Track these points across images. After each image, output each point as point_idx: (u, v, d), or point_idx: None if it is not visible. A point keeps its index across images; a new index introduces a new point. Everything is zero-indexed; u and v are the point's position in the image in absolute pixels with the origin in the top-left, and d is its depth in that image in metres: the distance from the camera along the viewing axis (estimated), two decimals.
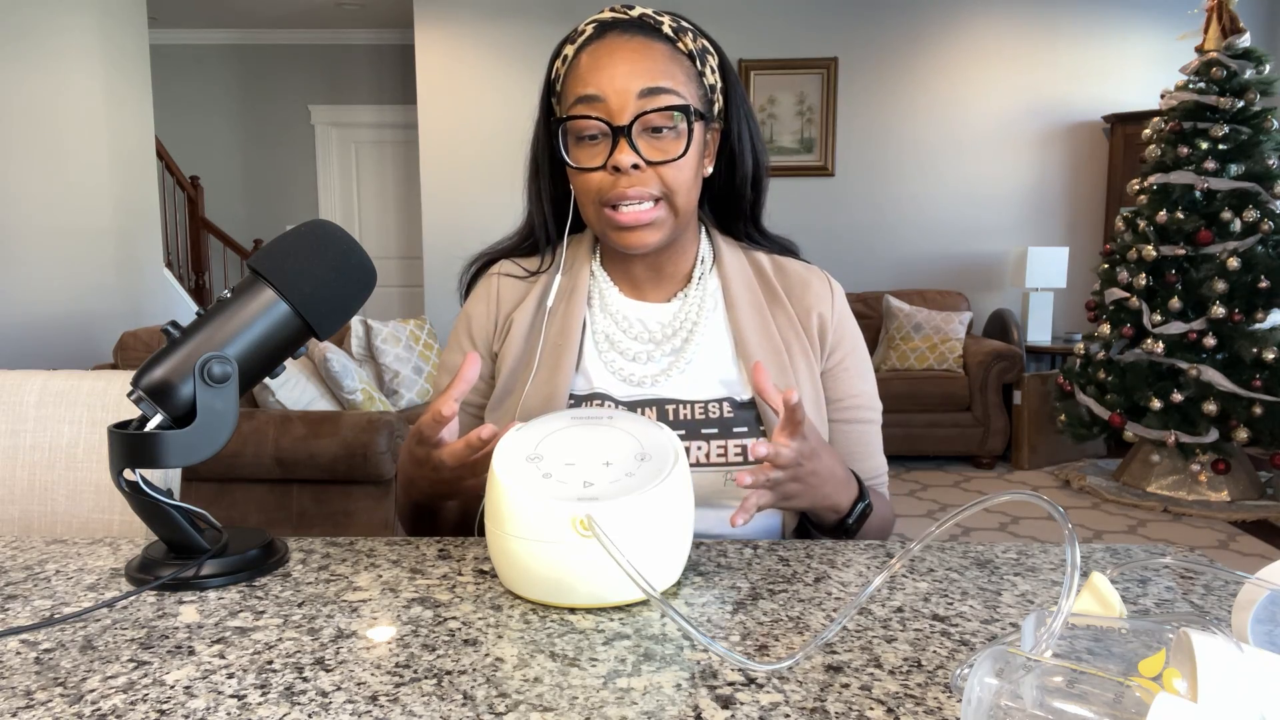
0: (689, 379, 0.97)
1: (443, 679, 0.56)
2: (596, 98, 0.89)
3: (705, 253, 1.03)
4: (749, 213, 1.04)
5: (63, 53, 4.14)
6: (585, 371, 0.98)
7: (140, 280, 4.79)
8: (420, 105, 5.50)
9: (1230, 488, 3.89)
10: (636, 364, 0.98)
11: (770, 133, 5.46)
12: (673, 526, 0.68)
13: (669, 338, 0.99)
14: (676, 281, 1.02)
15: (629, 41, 0.91)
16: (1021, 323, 5.19)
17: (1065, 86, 5.38)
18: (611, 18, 0.93)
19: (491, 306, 1.03)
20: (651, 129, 0.89)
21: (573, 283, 1.01)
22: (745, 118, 1.00)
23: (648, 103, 0.89)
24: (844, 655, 0.59)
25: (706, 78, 0.95)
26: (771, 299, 1.01)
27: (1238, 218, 3.74)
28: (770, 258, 1.05)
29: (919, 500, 4.08)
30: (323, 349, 3.25)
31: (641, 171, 0.89)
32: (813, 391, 0.98)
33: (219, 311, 0.75)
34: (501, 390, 0.99)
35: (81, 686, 0.56)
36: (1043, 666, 0.41)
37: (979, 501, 0.54)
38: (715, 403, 0.95)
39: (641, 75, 0.89)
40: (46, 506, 1.07)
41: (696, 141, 0.92)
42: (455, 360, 1.03)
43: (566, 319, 0.99)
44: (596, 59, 0.91)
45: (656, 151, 0.89)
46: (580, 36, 0.93)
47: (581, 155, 0.91)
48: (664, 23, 0.93)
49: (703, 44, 0.96)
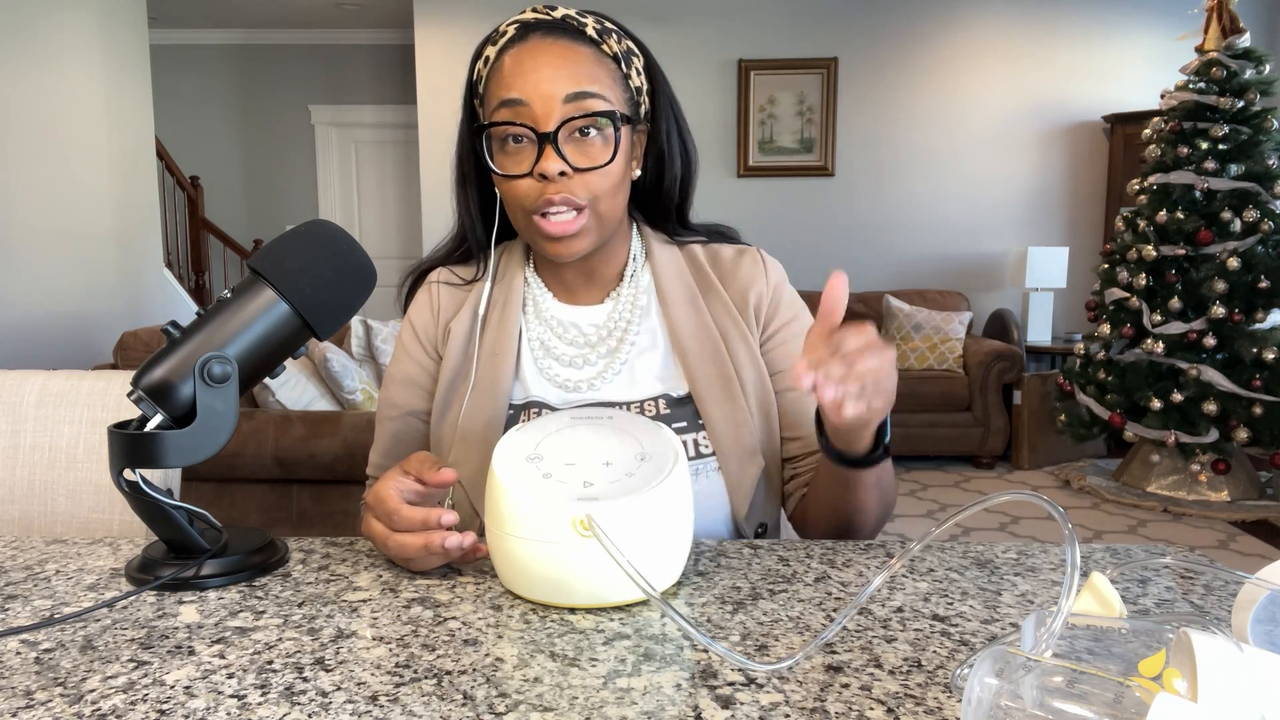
0: (625, 379, 0.96)
1: (443, 679, 0.56)
2: (520, 102, 0.87)
3: (636, 250, 1.02)
4: (675, 213, 1.03)
5: (62, 52, 4.14)
6: (523, 380, 0.97)
7: (140, 280, 4.79)
8: (420, 105, 5.50)
9: (1230, 488, 3.89)
10: (573, 369, 0.97)
11: (770, 133, 5.46)
12: (673, 526, 0.68)
13: (604, 339, 0.98)
14: (609, 282, 1.01)
15: (553, 44, 0.89)
16: (1021, 323, 5.19)
17: (1065, 86, 5.38)
18: (534, 19, 0.91)
19: (434, 313, 1.02)
20: (578, 131, 0.88)
21: (507, 291, 1.00)
22: (673, 118, 0.98)
23: (574, 108, 0.87)
24: (844, 655, 0.59)
25: (632, 80, 0.94)
26: (706, 289, 1.00)
27: (1238, 218, 3.74)
28: (704, 247, 1.04)
29: (919, 500, 4.08)
30: (323, 349, 3.25)
31: (568, 178, 0.87)
32: (755, 376, 0.97)
33: (219, 311, 0.75)
34: (441, 403, 0.98)
35: (81, 686, 0.56)
36: (1043, 666, 0.41)
37: (979, 501, 0.54)
38: (651, 400, 0.95)
39: (566, 80, 0.87)
40: (46, 506, 1.07)
41: (624, 146, 0.90)
42: (406, 370, 1.01)
43: (501, 328, 0.98)
44: (520, 62, 0.89)
45: (583, 158, 0.88)
46: (502, 38, 0.91)
47: (507, 162, 0.89)
48: (588, 24, 0.91)
49: (628, 45, 0.94)
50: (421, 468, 0.76)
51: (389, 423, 1.02)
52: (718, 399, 0.94)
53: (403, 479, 0.75)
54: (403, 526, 0.72)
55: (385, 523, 0.74)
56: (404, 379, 1.02)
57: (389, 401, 1.02)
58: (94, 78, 4.37)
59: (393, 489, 0.75)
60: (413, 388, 1.02)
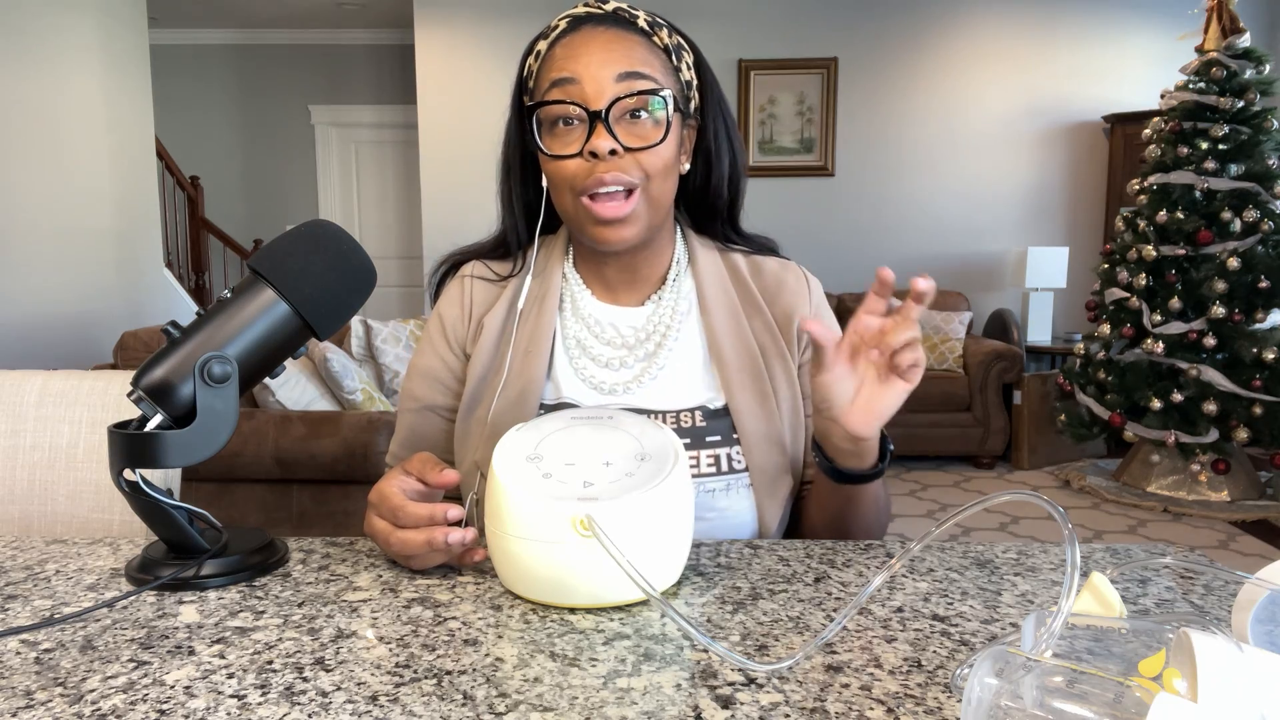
0: (661, 385, 0.94)
1: (443, 679, 0.56)
2: (572, 80, 0.86)
3: (680, 254, 1.00)
4: (725, 214, 1.02)
5: (63, 53, 4.14)
6: (555, 379, 0.95)
7: (140, 280, 4.80)
8: (420, 105, 5.49)
9: (1230, 488, 3.89)
10: (609, 370, 0.95)
11: (770, 133, 5.47)
12: (673, 526, 0.68)
13: (642, 342, 0.96)
14: (651, 284, 0.99)
15: (605, 32, 0.89)
16: (1021, 323, 5.19)
17: (1065, 86, 5.38)
18: (585, 12, 0.91)
19: (465, 308, 1.00)
20: (629, 114, 0.86)
21: (544, 287, 0.98)
22: (722, 117, 0.97)
23: (625, 87, 0.86)
24: (844, 655, 0.59)
25: (683, 73, 0.93)
26: (747, 303, 0.99)
27: (1238, 218, 3.74)
28: (747, 258, 1.03)
29: (919, 500, 4.08)
30: (323, 349, 3.25)
31: (619, 157, 0.85)
32: (790, 397, 0.95)
33: (219, 311, 0.75)
34: (470, 399, 0.96)
35: (81, 686, 0.56)
36: (1043, 666, 0.41)
37: (979, 501, 0.54)
38: (687, 412, 0.93)
39: (618, 60, 0.86)
40: (46, 506, 1.07)
41: (675, 129, 0.89)
42: (429, 364, 1.00)
43: (537, 324, 0.96)
44: (571, 48, 0.88)
45: (635, 138, 0.86)
46: (554, 32, 0.91)
47: (555, 144, 0.88)
48: (639, 16, 0.91)
49: (678, 40, 0.94)
50: (424, 468, 0.75)
51: (408, 414, 1.01)
52: (755, 414, 0.93)
53: (404, 478, 0.75)
54: (409, 523, 0.72)
55: (390, 519, 0.74)
56: (425, 372, 1.00)
57: (409, 393, 1.01)
58: (94, 78, 4.37)
59: (396, 487, 0.74)
60: (433, 383, 1.00)
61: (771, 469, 0.92)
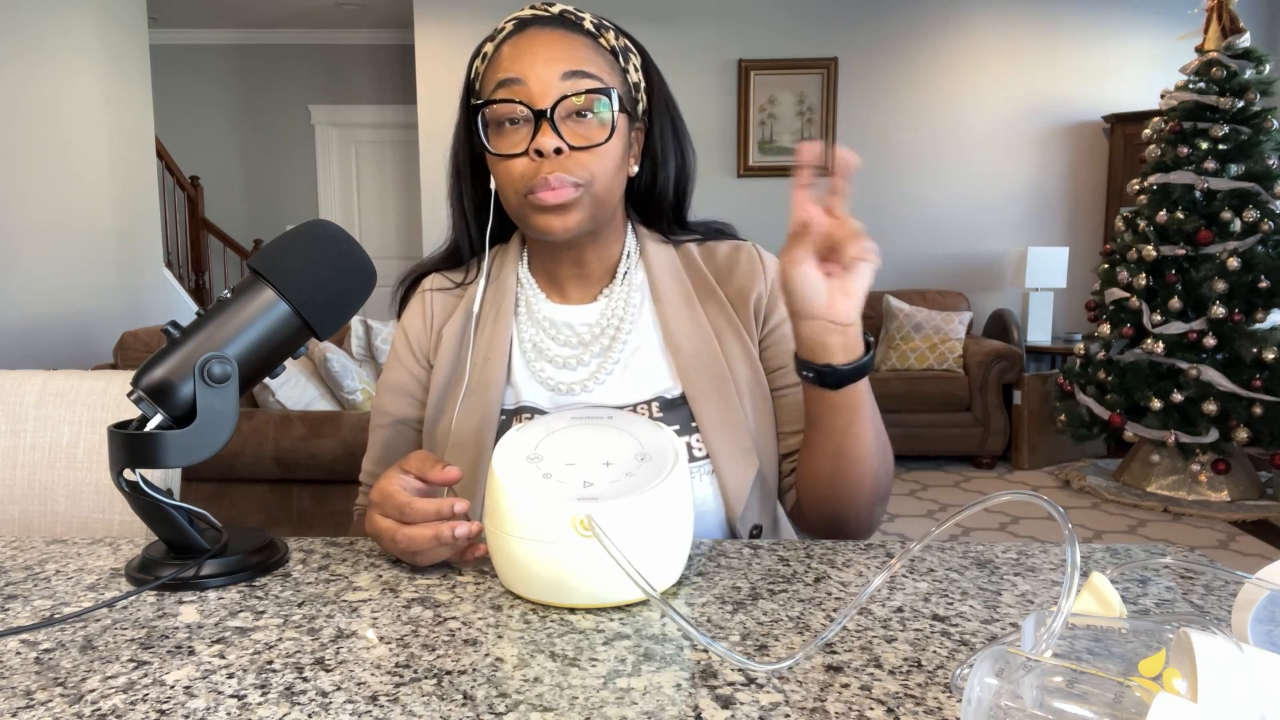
0: (617, 380, 0.95)
1: (443, 679, 0.56)
2: (517, 80, 0.86)
3: (631, 248, 1.00)
4: (671, 215, 1.02)
5: (63, 53, 4.14)
6: (514, 384, 0.96)
7: (140, 280, 4.80)
8: (420, 105, 5.50)
9: (1230, 488, 3.89)
10: (566, 370, 0.96)
11: (770, 133, 5.47)
12: (673, 526, 0.68)
13: (596, 338, 0.96)
14: (601, 279, 0.99)
15: (550, 33, 0.89)
16: (1021, 323, 5.19)
17: (1065, 86, 5.38)
18: (531, 14, 0.92)
19: (427, 319, 1.01)
20: (575, 113, 0.87)
21: (500, 292, 0.99)
22: (670, 120, 0.98)
23: (571, 85, 0.86)
24: (844, 655, 0.59)
25: (630, 75, 0.93)
26: (701, 288, 0.99)
27: (1238, 218, 3.74)
28: (699, 245, 1.03)
29: (919, 500, 4.08)
30: (323, 349, 3.25)
31: (565, 157, 0.86)
32: (751, 376, 0.95)
33: (219, 311, 0.75)
34: (434, 409, 0.97)
35: (81, 686, 0.56)
36: (1043, 666, 0.41)
37: (979, 501, 0.54)
38: (644, 404, 0.93)
39: (564, 60, 0.87)
40: (46, 506, 1.07)
41: (620, 129, 0.89)
42: (398, 379, 1.01)
43: (494, 331, 0.97)
44: (518, 49, 0.89)
45: (580, 138, 0.87)
46: (500, 34, 0.92)
47: (502, 143, 0.88)
48: (585, 18, 0.92)
49: (625, 42, 0.94)
50: (423, 466, 0.75)
51: (380, 430, 1.02)
52: (712, 400, 0.93)
53: (404, 477, 0.75)
54: (416, 519, 0.72)
55: (396, 516, 0.73)
56: (395, 387, 1.01)
57: (380, 409, 1.02)
58: (94, 78, 4.37)
59: (398, 485, 0.75)
60: (404, 396, 1.01)
61: (733, 454, 0.92)
